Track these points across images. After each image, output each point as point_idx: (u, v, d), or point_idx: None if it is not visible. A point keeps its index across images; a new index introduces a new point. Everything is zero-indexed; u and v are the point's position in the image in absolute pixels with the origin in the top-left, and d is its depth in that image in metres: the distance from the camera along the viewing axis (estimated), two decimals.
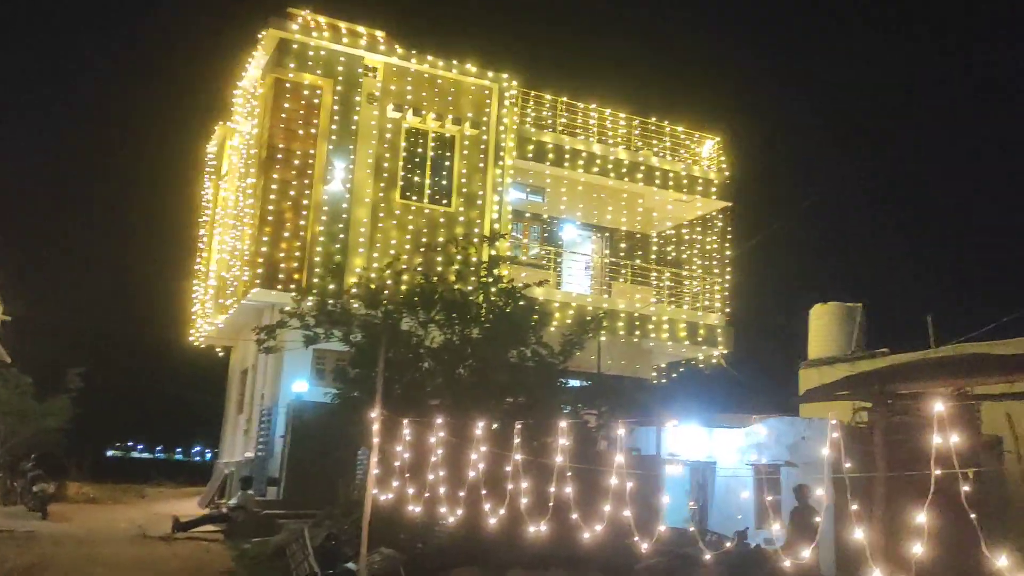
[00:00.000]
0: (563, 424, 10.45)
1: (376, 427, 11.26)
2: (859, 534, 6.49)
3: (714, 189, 26.02)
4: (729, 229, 26.25)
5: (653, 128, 25.75)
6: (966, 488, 6.04)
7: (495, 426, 12.09)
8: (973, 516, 5.91)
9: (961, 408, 11.37)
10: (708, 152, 26.53)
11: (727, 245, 26.16)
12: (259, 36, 21.55)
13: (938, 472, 6.01)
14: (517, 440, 10.80)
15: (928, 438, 6.17)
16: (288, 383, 20.82)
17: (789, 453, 16.34)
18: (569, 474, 10.06)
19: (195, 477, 36.13)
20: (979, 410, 15.34)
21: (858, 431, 13.53)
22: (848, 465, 8.60)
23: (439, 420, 11.09)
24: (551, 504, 9.96)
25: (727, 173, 26.38)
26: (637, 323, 23.87)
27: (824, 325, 23.65)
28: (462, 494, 11.07)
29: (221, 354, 29.01)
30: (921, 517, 5.99)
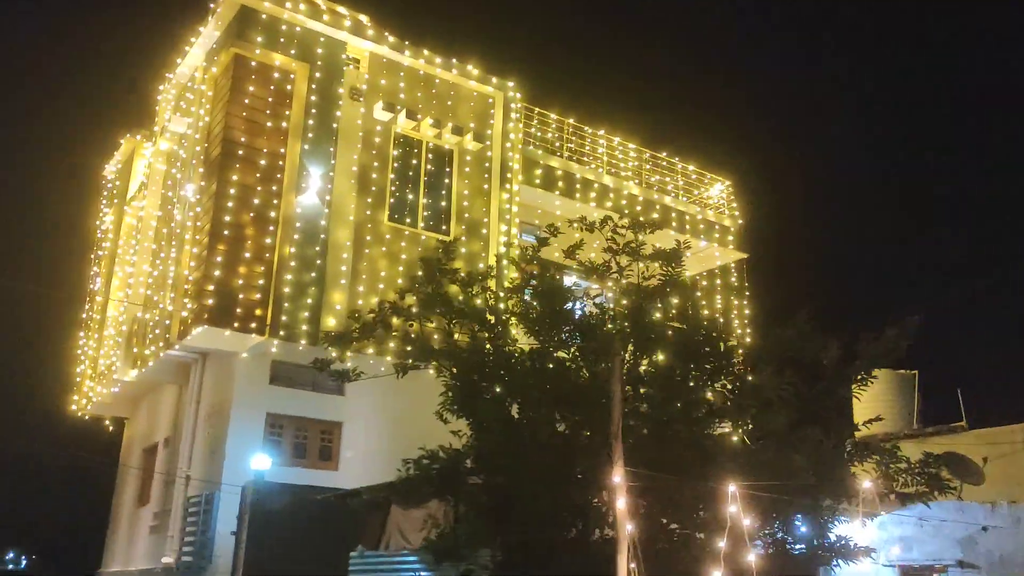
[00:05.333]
0: None
1: (622, 503, 6.31)
2: None
3: (731, 237, 22.56)
4: (746, 284, 22.72)
5: (664, 164, 22.17)
6: None
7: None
8: None
9: None
10: (717, 196, 23.16)
11: (745, 303, 22.55)
12: (212, 3, 16.67)
13: None
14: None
15: None
16: (238, 460, 15.21)
17: (961, 549, 12.35)
18: None
19: None
20: None
21: None
22: None
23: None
24: None
25: (740, 221, 23.03)
26: None
27: (873, 397, 20.18)
28: None
29: (111, 428, 22.70)
30: None
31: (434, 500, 13.05)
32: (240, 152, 15.54)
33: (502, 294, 9.71)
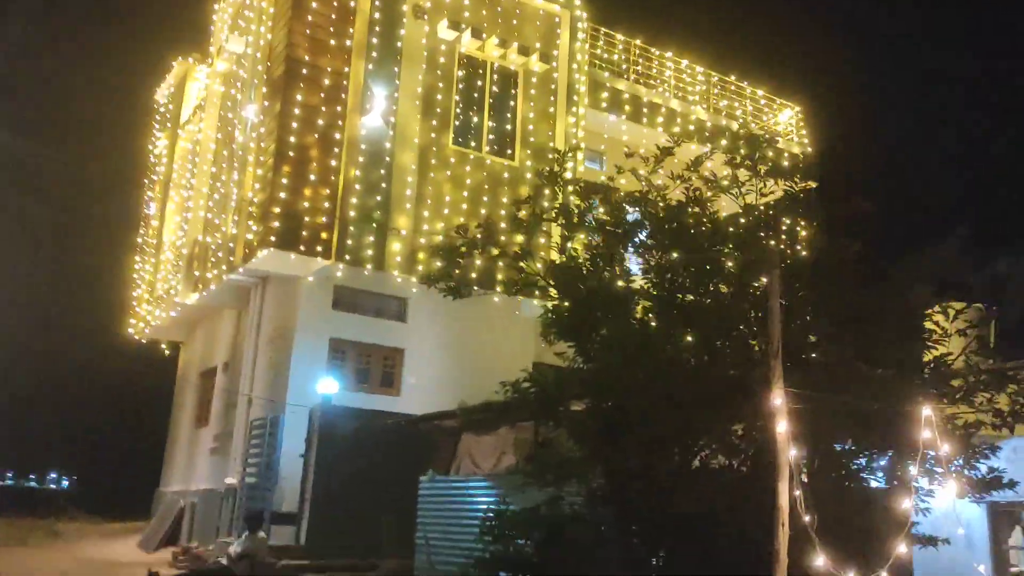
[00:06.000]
0: None
1: (783, 427, 5.91)
2: None
3: (800, 166, 21.73)
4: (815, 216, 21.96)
5: (732, 88, 21.34)
6: None
7: None
8: None
9: None
10: (785, 122, 22.32)
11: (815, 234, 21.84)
12: None
13: None
14: None
15: None
16: (303, 383, 15.11)
17: None
18: None
19: (109, 508, 29.14)
20: None
21: None
22: None
23: None
24: None
25: (810, 149, 22.19)
26: None
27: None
28: None
29: (167, 352, 22.81)
30: None
31: (504, 427, 12.82)
32: (304, 71, 15.08)
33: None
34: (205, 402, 19.97)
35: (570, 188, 8.74)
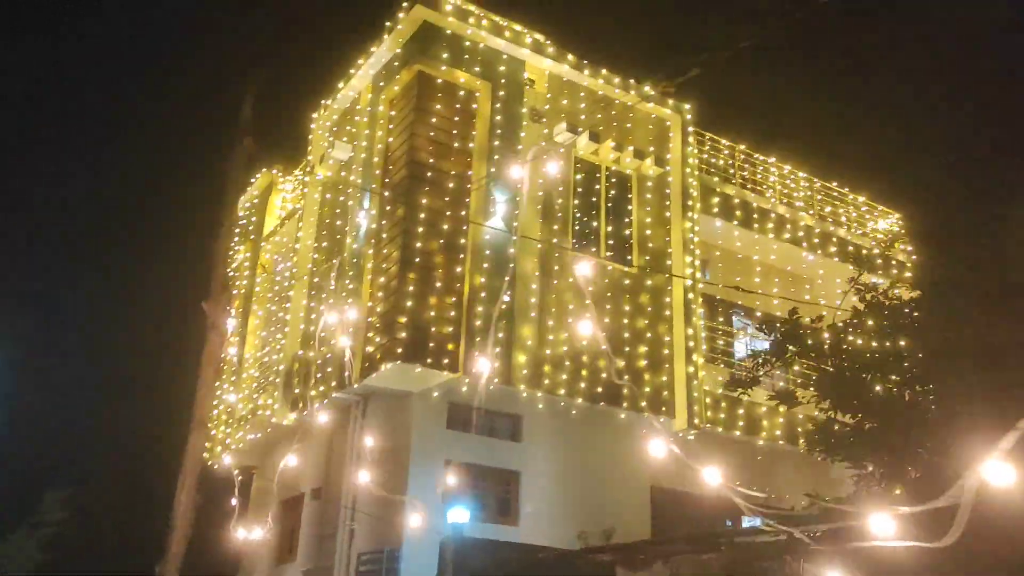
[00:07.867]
0: None
1: None
2: None
3: (908, 274, 20.78)
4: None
5: (835, 195, 20.63)
6: None
7: None
8: None
9: None
10: (886, 230, 21.49)
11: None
12: (390, 21, 15.65)
13: None
14: None
15: None
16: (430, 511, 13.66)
17: None
18: None
19: None
20: None
21: None
22: None
23: None
24: None
25: (914, 257, 21.26)
26: None
27: None
28: None
29: (240, 478, 21.28)
30: None
31: (658, 562, 11.78)
32: (428, 175, 14.34)
33: None
34: (288, 534, 18.38)
35: None
